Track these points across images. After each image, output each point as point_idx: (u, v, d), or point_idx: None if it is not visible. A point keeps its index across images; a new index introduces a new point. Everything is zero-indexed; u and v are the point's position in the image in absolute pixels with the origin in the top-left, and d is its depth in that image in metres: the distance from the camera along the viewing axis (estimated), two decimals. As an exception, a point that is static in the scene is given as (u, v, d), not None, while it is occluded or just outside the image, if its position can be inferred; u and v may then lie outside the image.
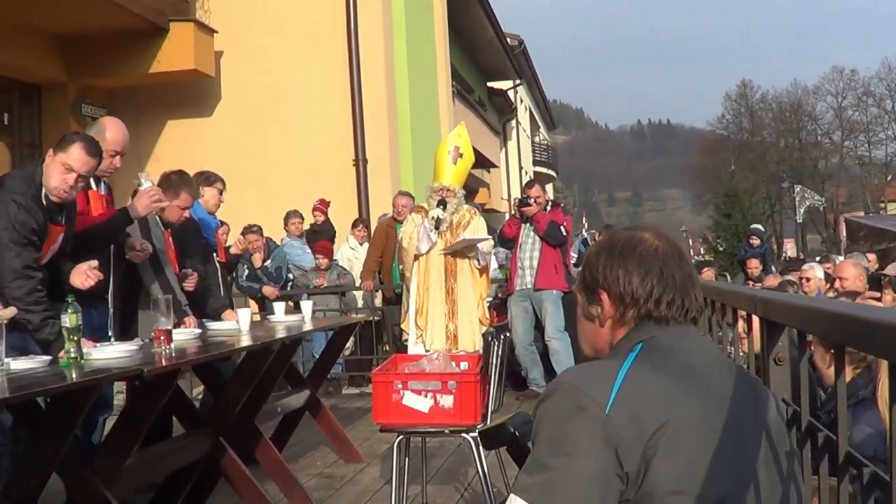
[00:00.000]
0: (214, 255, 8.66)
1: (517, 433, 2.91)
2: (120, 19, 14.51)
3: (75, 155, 5.85)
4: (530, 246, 11.90)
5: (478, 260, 8.56)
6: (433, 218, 8.34)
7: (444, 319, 8.49)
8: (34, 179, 5.87)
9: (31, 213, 5.75)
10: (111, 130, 6.75)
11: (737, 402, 2.35)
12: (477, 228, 8.61)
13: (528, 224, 11.94)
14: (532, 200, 11.84)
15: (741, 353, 3.76)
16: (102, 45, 15.29)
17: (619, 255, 2.54)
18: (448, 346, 8.10)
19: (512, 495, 2.27)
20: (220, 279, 8.63)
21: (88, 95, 16.19)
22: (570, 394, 2.28)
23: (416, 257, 8.40)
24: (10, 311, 4.64)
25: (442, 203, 8.45)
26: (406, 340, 8.60)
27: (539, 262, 11.74)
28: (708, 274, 16.13)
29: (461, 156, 8.70)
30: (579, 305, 2.64)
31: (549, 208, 12.01)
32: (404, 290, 8.81)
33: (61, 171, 5.83)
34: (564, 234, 11.83)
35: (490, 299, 13.26)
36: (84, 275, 5.86)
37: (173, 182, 7.62)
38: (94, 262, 6.00)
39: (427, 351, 7.79)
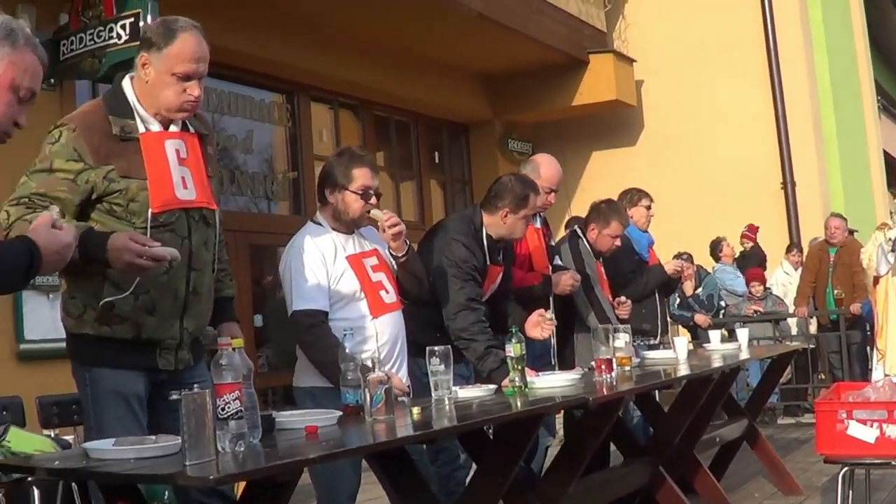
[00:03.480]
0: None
1: None
2: (541, 55, 14.83)
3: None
4: None
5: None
6: (890, 240, 7.99)
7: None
8: (473, 222, 6.09)
9: (473, 252, 5.95)
10: (545, 168, 6.93)
11: None
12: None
13: None
14: None
15: None
16: (525, 81, 15.67)
17: None
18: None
19: None
20: (656, 298, 8.59)
21: (514, 131, 16.63)
22: None
23: (876, 279, 8.05)
24: None
25: (905, 220, 8.09)
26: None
27: None
28: None
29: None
30: None
31: None
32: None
33: None
34: None
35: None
36: (539, 326, 6.01)
37: (602, 211, 7.70)
38: (548, 314, 6.16)
39: (886, 375, 7.45)
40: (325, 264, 5.13)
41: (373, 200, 5.24)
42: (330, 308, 5.10)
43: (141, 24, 8.86)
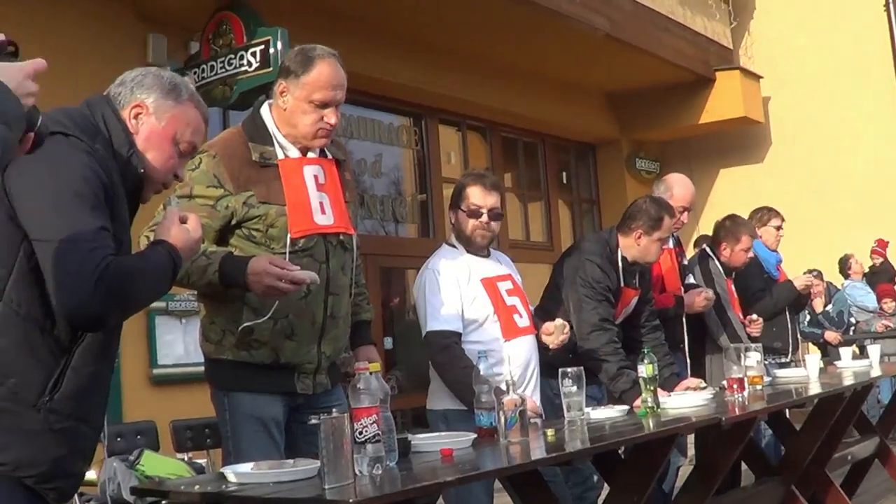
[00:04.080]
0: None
1: None
2: (667, 73, 14.82)
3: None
4: None
5: None
6: None
7: None
8: (608, 243, 6.12)
9: (607, 273, 5.97)
10: (678, 187, 6.96)
11: None
12: None
13: None
14: None
15: None
16: (651, 99, 15.68)
17: None
18: None
19: None
20: (787, 315, 8.51)
21: (641, 150, 16.61)
22: None
23: None
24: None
25: None
26: None
27: None
28: None
29: None
30: None
31: None
32: None
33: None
34: None
35: None
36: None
37: (729, 229, 7.70)
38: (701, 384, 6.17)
39: None
40: (458, 286, 5.19)
41: (483, 219, 5.28)
42: (463, 330, 5.17)
43: (271, 51, 9.05)
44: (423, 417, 5.43)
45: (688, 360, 7.09)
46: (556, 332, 5.36)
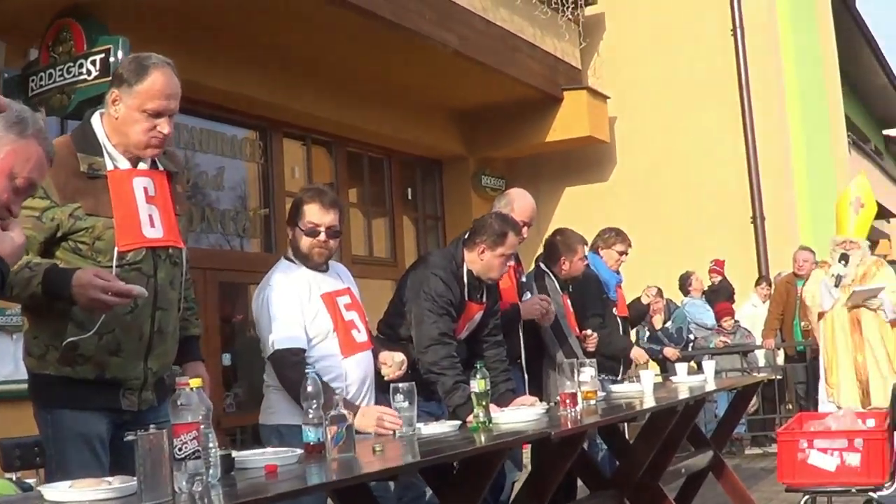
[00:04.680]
0: (614, 309, 8.73)
1: None
2: (516, 92, 14.93)
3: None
4: None
5: (884, 312, 8.30)
6: (833, 275, 8.18)
7: (853, 375, 8.27)
8: (455, 258, 6.16)
9: (450, 287, 6.00)
10: (519, 202, 7.05)
11: None
12: (883, 280, 8.35)
13: None
14: None
15: None
16: (499, 117, 15.77)
17: None
18: (859, 403, 7.88)
19: None
20: (619, 331, 8.69)
21: (488, 167, 16.69)
22: None
23: (821, 315, 8.23)
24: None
25: (844, 258, 8.28)
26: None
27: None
28: None
29: (863, 206, 8.52)
30: None
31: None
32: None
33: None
34: None
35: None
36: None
37: (561, 244, 7.94)
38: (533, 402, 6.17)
39: (839, 408, 7.59)
40: (301, 303, 5.17)
41: (322, 237, 5.26)
42: None
43: (111, 59, 8.87)
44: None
45: (525, 375, 7.16)
46: (393, 366, 5.35)
